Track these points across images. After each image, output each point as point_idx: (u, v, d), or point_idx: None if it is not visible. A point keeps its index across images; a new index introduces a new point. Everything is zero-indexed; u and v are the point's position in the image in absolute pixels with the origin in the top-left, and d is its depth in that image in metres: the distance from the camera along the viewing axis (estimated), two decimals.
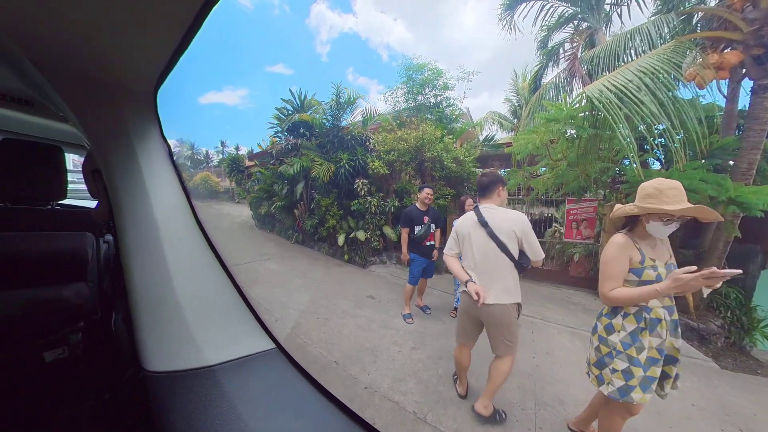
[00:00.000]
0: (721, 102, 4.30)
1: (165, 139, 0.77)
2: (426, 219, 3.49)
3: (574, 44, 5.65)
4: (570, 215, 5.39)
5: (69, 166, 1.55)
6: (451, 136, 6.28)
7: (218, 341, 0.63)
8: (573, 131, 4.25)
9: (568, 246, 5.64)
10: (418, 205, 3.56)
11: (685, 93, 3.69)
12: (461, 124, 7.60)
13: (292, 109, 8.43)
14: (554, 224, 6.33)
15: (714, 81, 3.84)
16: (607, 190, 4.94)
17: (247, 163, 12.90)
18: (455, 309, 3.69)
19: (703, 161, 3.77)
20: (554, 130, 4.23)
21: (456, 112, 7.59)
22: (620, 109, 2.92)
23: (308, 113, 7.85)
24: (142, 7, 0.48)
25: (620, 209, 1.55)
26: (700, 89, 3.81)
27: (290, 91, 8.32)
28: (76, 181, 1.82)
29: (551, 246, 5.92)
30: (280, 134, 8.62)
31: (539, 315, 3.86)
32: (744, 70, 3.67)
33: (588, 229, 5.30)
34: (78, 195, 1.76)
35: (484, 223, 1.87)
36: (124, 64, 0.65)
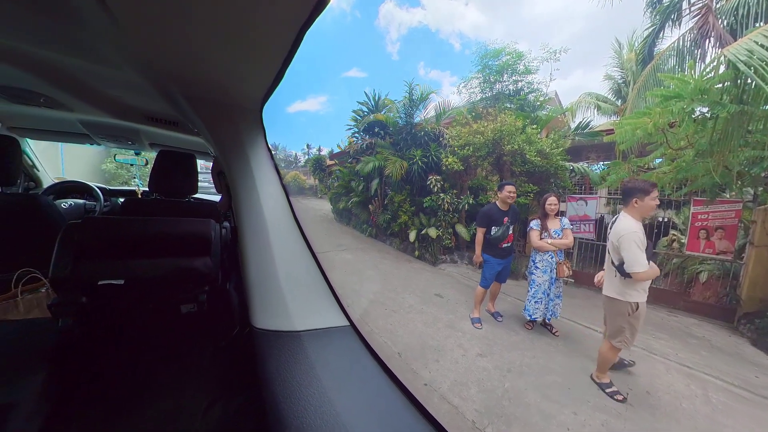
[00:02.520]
0: None
1: (268, 146, 0.97)
2: (506, 219, 3.22)
3: None
4: (697, 221, 4.24)
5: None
6: (534, 126, 5.66)
7: (304, 312, 0.76)
8: (704, 109, 3.33)
9: (691, 261, 4.49)
10: (498, 203, 3.28)
11: None
12: (547, 111, 6.73)
13: (367, 110, 8.84)
14: (672, 232, 5.12)
15: None
16: (761, 189, 3.73)
17: (328, 162, 14.13)
18: (531, 322, 3.34)
19: None
20: (675, 110, 3.36)
21: (541, 98, 6.77)
22: None
23: (382, 113, 8.10)
24: (252, 47, 0.62)
25: None
26: None
27: (365, 93, 8.77)
28: (202, 180, 2.32)
29: (666, 260, 4.80)
30: (357, 135, 9.16)
31: (642, 344, 3.16)
32: None
33: (725, 241, 4.07)
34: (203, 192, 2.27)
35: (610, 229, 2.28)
36: (240, 91, 0.84)
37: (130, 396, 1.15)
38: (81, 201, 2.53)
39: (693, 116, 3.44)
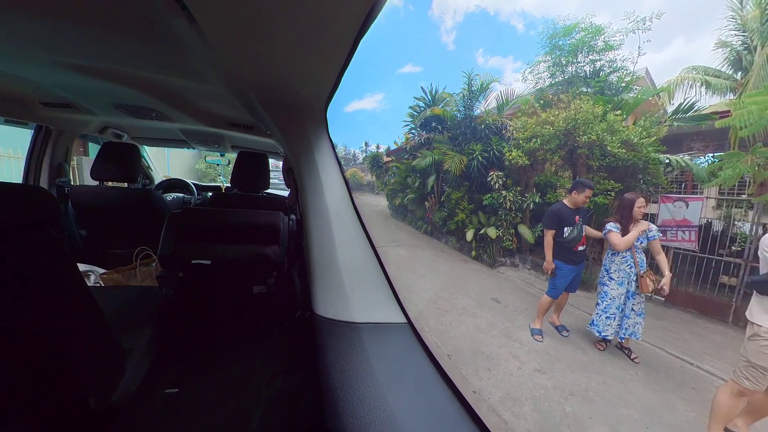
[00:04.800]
0: None
1: (332, 144, 1.04)
2: (578, 219, 2.89)
3: None
4: None
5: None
6: (618, 112, 4.90)
7: (363, 305, 0.79)
8: None
9: None
10: (566, 202, 2.97)
11: None
12: (635, 93, 5.72)
13: (424, 105, 8.70)
14: None
15: None
16: None
17: (385, 159, 14.34)
18: (603, 341, 2.92)
19: None
20: None
21: (626, 78, 5.79)
22: None
23: (439, 107, 7.89)
24: (318, 48, 0.66)
25: None
26: None
27: (421, 87, 8.65)
28: (273, 177, 2.60)
29: None
30: (413, 131, 9.09)
31: None
32: None
33: None
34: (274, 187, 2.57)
35: None
36: (307, 92, 0.92)
37: (211, 357, 1.40)
38: (181, 195, 3.05)
39: None
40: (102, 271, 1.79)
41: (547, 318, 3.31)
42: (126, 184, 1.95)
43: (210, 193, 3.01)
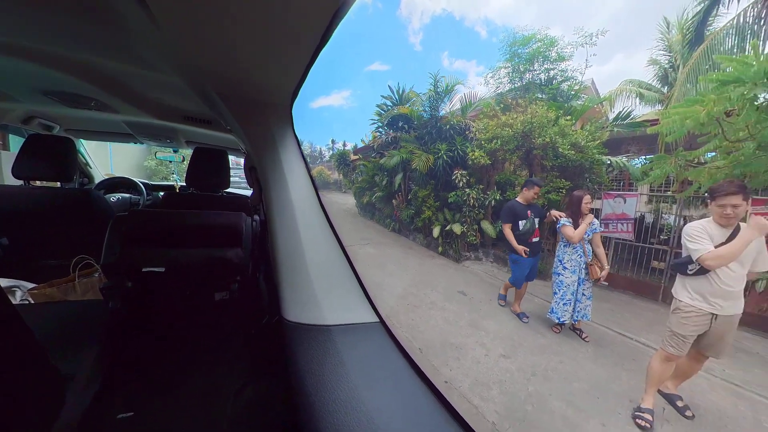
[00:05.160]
0: None
1: (298, 142, 0.99)
2: (530, 213, 3.21)
3: None
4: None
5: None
6: (568, 117, 5.34)
7: (334, 306, 0.76)
8: None
9: None
10: (520, 199, 3.31)
11: None
12: (582, 101, 6.31)
13: (391, 104, 8.77)
14: None
15: None
16: None
17: (353, 157, 14.23)
18: (559, 325, 3.20)
19: None
20: (734, 96, 3.00)
21: (575, 87, 6.36)
22: None
23: (407, 106, 8.01)
24: (283, 42, 0.63)
25: None
26: None
27: (389, 86, 8.68)
28: (234, 176, 2.45)
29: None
30: (380, 129, 9.13)
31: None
32: None
33: None
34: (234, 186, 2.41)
35: None
36: (271, 86, 0.86)
37: (170, 374, 1.26)
38: (127, 195, 2.76)
39: (755, 103, 3.07)
40: (31, 285, 1.53)
41: (511, 309, 3.60)
42: (59, 183, 1.71)
43: (162, 193, 2.76)
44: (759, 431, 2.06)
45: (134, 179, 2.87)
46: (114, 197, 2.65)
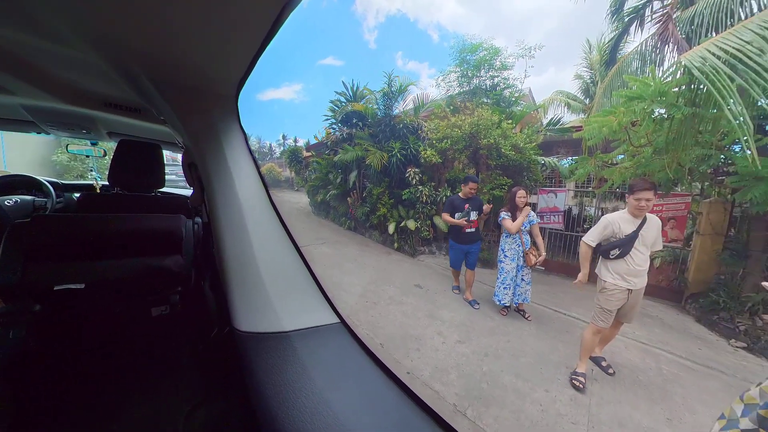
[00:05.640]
0: None
1: (245, 135, 0.91)
2: (467, 206, 3.58)
3: (667, 1, 4.67)
4: (653, 212, 4.62)
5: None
6: (509, 121, 5.83)
7: (292, 311, 0.72)
8: (662, 111, 3.59)
9: None
10: (460, 194, 3.69)
11: None
12: (522, 107, 6.97)
13: (345, 100, 8.67)
14: None
15: None
16: (706, 184, 4.11)
17: (305, 154, 13.76)
18: (506, 308, 3.52)
19: None
20: (637, 110, 3.60)
21: (516, 94, 6.99)
22: (731, 80, 2.37)
23: (361, 103, 7.99)
24: (229, 26, 0.56)
25: None
26: None
27: (342, 82, 8.57)
28: (168, 173, 2.17)
29: None
30: (334, 125, 8.97)
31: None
32: None
33: (676, 230, 4.49)
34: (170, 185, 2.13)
35: None
36: (214, 74, 0.77)
37: (100, 405, 1.09)
38: (29, 197, 2.27)
39: (652, 116, 3.69)
40: None
41: (464, 297, 3.88)
42: None
43: (77, 195, 2.33)
44: (661, 377, 2.52)
45: (38, 177, 2.39)
46: (9, 200, 2.14)
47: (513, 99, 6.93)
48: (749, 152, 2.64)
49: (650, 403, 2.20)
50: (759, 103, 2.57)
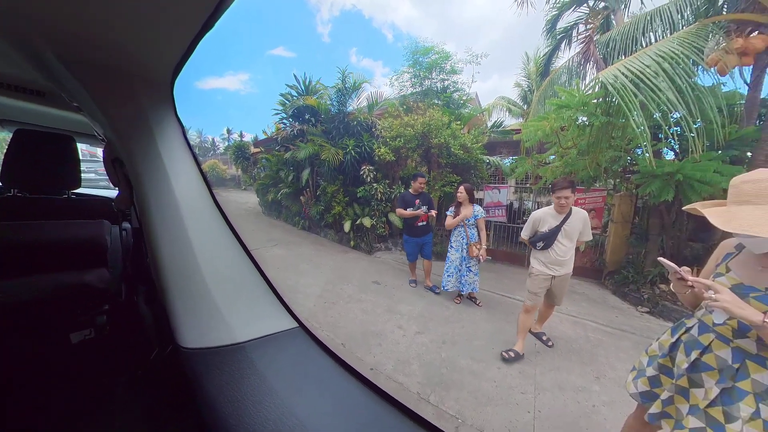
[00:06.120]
0: (743, 90, 4.12)
1: (183, 129, 0.81)
2: (417, 201, 3.79)
3: (590, 26, 5.42)
4: (578, 205, 5.31)
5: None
6: (458, 122, 6.18)
7: (246, 320, 0.67)
8: (585, 118, 4.15)
9: None
10: (411, 190, 3.91)
11: (705, 80, 3.54)
12: (469, 109, 7.45)
13: (296, 94, 8.33)
14: None
15: (737, 67, 3.67)
16: (618, 180, 4.86)
17: (253, 150, 12.91)
18: (459, 296, 3.76)
19: (719, 152, 3.66)
20: (565, 117, 4.13)
21: (464, 98, 7.44)
22: (635, 95, 2.83)
23: (314, 98, 7.75)
24: (163, 1, 0.49)
25: None
26: (721, 76, 3.65)
27: (294, 75, 8.22)
28: (86, 170, 1.84)
29: None
30: (285, 120, 8.57)
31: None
32: None
33: (596, 219, 5.24)
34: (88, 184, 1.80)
35: None
36: (144, 56, 0.66)
37: None
38: None
39: (577, 123, 4.25)
40: None
41: (424, 285, 4.18)
42: None
43: None
44: (589, 343, 2.95)
45: None
46: None
47: (461, 102, 7.36)
48: (647, 155, 3.21)
49: (582, 366, 2.57)
50: (655, 116, 3.11)
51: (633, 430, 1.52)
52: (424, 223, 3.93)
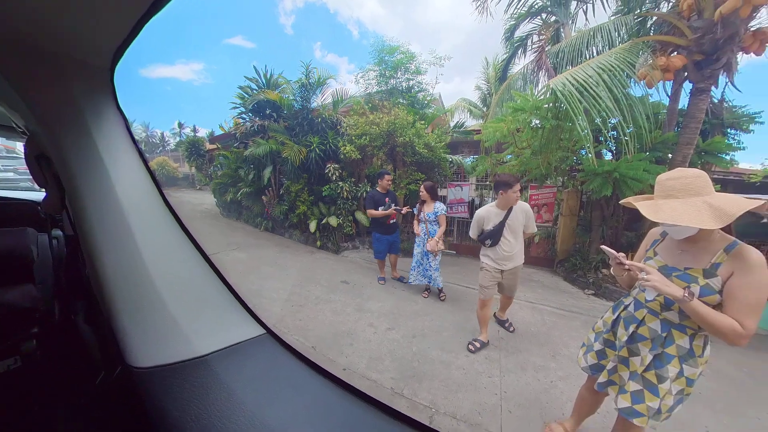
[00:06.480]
0: (665, 101, 4.77)
1: (125, 120, 0.72)
2: (387, 200, 3.87)
3: (542, 37, 5.86)
4: (532, 200, 5.75)
5: None
6: (422, 122, 6.31)
7: (207, 330, 0.63)
8: (537, 121, 4.48)
9: None
10: (378, 189, 3.96)
11: (636, 91, 4.05)
12: (433, 110, 7.64)
13: (257, 87, 7.92)
14: None
15: (661, 81, 4.22)
16: (566, 178, 5.32)
17: (208, 146, 12.06)
18: (426, 290, 3.89)
19: (647, 153, 4.19)
20: (520, 119, 4.43)
21: (428, 98, 7.60)
22: (580, 102, 3.13)
23: (276, 92, 7.42)
24: None
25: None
26: (648, 88, 4.19)
27: (254, 67, 7.82)
28: (1, 169, 1.59)
29: None
30: (244, 115, 8.11)
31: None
32: (686, 74, 4.08)
33: (548, 213, 5.72)
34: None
35: None
36: (77, 35, 0.57)
37: None
38: None
39: (531, 125, 4.58)
40: None
41: (391, 277, 4.32)
42: None
43: None
44: (545, 326, 3.23)
45: None
46: None
47: (426, 102, 7.52)
48: (590, 156, 3.56)
49: (540, 347, 2.81)
50: (596, 121, 3.46)
51: (585, 399, 1.71)
52: (394, 221, 4.02)
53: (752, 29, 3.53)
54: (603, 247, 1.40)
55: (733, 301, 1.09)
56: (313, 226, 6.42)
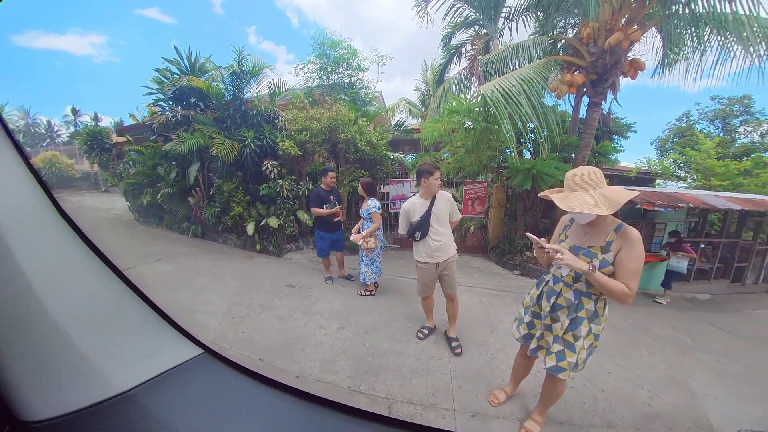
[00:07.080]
0: (570, 110, 5.70)
1: None
2: (332, 198, 3.91)
3: (474, 47, 6.40)
4: (467, 195, 6.29)
5: None
6: (365, 119, 6.34)
7: (129, 361, 0.54)
8: (470, 123, 4.90)
9: (465, 220, 6.62)
10: (323, 186, 3.95)
11: (549, 101, 4.78)
12: (375, 107, 7.72)
13: (178, 72, 6.94)
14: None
15: (567, 94, 5.00)
16: (494, 174, 5.93)
17: (116, 138, 10.20)
18: (374, 285, 3.95)
19: (557, 154, 4.93)
20: (455, 120, 4.80)
21: (370, 95, 7.64)
22: (505, 108, 3.52)
23: (202, 79, 6.60)
24: None
25: None
26: (558, 99, 4.95)
27: (175, 48, 6.80)
28: None
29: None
30: (163, 103, 7.04)
31: None
32: (585, 89, 4.89)
33: (480, 206, 6.33)
34: None
35: None
36: None
37: None
38: None
39: (465, 127, 4.99)
40: None
41: (338, 275, 4.35)
42: None
43: None
44: (483, 306, 3.60)
45: None
46: None
47: (367, 99, 7.55)
48: (514, 155, 4.04)
49: (480, 325, 3.14)
50: (518, 124, 3.94)
51: (520, 365, 2.03)
52: (338, 219, 4.03)
53: (630, 59, 4.40)
54: (528, 234, 1.66)
55: (622, 270, 1.41)
56: (251, 228, 5.96)
